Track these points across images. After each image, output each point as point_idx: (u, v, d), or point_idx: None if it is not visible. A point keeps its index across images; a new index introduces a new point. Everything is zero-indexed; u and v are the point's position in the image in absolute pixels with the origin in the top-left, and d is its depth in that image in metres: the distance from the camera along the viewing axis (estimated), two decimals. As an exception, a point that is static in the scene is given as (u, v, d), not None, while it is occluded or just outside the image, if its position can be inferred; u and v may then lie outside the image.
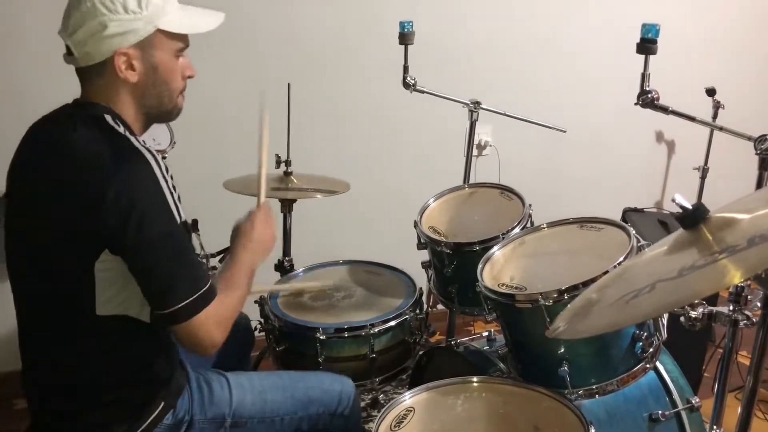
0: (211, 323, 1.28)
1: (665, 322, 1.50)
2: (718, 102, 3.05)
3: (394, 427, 1.41)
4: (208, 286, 1.28)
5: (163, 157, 2.41)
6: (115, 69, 1.26)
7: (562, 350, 1.45)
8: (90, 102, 1.31)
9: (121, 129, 1.27)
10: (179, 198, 1.28)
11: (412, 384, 1.87)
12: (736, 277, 0.95)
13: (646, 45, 1.60)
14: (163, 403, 1.37)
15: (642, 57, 1.61)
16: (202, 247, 2.47)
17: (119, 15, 1.23)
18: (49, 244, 1.27)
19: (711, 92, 3.05)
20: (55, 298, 1.30)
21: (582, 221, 1.68)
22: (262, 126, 1.65)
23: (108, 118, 1.28)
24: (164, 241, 1.23)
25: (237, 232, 1.48)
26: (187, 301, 1.24)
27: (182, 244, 1.27)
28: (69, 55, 1.29)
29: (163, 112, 1.37)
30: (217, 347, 1.32)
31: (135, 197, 1.20)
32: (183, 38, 1.33)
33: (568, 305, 1.28)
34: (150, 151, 1.25)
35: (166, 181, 1.25)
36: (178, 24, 1.30)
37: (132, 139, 1.27)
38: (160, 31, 1.28)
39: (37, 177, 1.30)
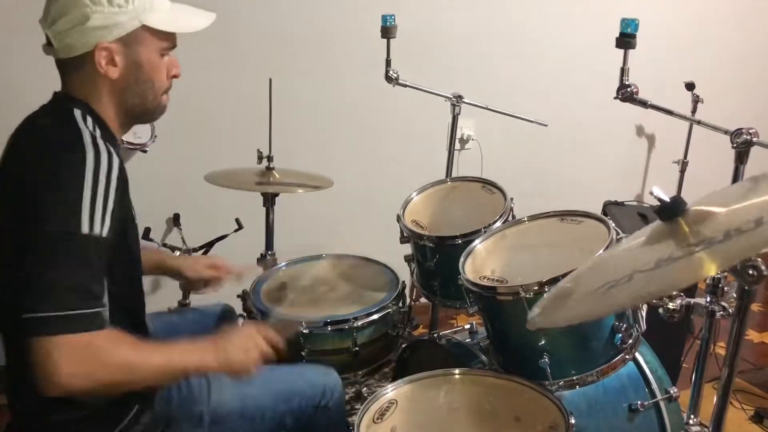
0: (71, 357, 1.05)
1: (644, 313, 1.52)
2: (697, 96, 3.07)
3: (377, 419, 1.42)
4: (85, 312, 1.08)
5: (143, 151, 2.41)
6: (96, 63, 1.22)
7: (543, 342, 1.46)
8: (68, 96, 1.27)
9: (89, 127, 1.20)
10: (113, 209, 1.12)
11: (396, 377, 1.88)
12: (712, 269, 0.97)
13: (626, 39, 1.61)
14: (137, 407, 1.32)
15: (621, 51, 1.63)
16: (183, 242, 2.46)
17: (102, 7, 1.19)
18: None
19: (690, 86, 3.07)
20: None
21: (562, 214, 1.70)
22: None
23: (77, 113, 1.22)
24: (51, 239, 1.08)
25: (227, 333, 1.32)
26: (46, 314, 1.05)
27: (73, 253, 1.08)
28: (48, 45, 1.25)
29: (146, 110, 1.32)
30: (59, 389, 1.06)
31: (51, 182, 1.10)
32: (170, 37, 1.29)
33: (544, 296, 1.29)
34: (97, 152, 1.13)
35: (96, 185, 1.11)
36: (165, 21, 1.26)
37: (86, 134, 1.16)
38: (145, 27, 1.24)
39: (4, 159, 1.26)
